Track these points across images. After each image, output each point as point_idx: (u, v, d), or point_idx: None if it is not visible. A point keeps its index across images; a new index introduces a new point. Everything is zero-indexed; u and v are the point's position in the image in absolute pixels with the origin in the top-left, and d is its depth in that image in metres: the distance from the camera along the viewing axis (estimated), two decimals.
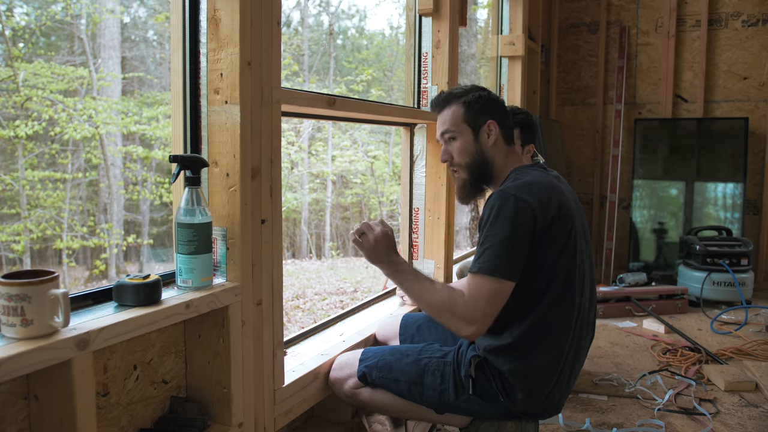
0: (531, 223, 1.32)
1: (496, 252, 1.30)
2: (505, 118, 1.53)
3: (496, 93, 1.55)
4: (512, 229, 1.31)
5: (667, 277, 4.05)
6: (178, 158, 1.20)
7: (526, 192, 1.34)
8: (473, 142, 1.49)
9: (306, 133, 10.13)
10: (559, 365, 1.39)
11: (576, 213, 1.41)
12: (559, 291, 1.36)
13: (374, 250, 1.45)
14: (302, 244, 10.47)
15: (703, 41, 4.14)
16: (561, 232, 1.35)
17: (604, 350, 2.77)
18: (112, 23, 7.09)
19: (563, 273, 1.36)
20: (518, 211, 1.31)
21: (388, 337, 1.83)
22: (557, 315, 1.37)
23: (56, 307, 0.92)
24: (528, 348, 1.37)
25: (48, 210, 6.40)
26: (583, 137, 4.60)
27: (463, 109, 1.49)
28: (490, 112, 1.49)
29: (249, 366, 1.31)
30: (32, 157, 6.44)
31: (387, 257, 1.45)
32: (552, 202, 1.35)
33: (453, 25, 2.36)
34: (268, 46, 1.32)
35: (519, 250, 1.31)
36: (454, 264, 2.53)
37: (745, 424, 2.01)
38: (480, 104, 1.49)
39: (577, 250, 1.38)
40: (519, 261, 1.32)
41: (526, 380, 1.37)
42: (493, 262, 1.30)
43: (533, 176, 1.41)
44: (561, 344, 1.38)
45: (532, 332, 1.36)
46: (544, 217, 1.32)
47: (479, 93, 1.50)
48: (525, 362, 1.37)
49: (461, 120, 1.49)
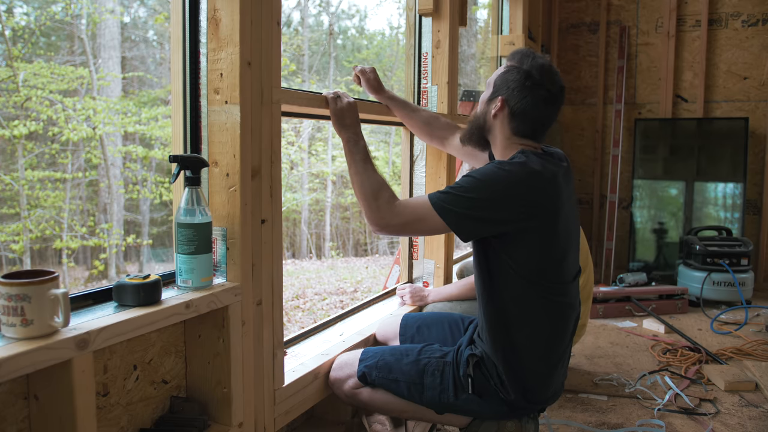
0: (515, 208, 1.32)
1: (458, 202, 1.32)
2: (527, 109, 1.43)
3: (556, 86, 1.44)
4: (485, 194, 1.31)
5: (667, 277, 4.05)
6: (178, 158, 1.20)
7: (530, 176, 1.33)
8: (485, 102, 1.50)
9: (306, 133, 10.13)
10: (552, 349, 1.41)
11: (566, 201, 1.41)
12: (546, 278, 1.37)
13: (346, 114, 1.54)
14: (302, 244, 10.48)
15: (703, 41, 4.14)
16: (545, 225, 1.35)
17: (604, 350, 2.77)
18: (112, 23, 7.09)
19: (552, 260, 1.37)
20: (507, 188, 1.32)
21: (388, 337, 1.83)
22: (545, 302, 1.38)
23: (56, 307, 0.92)
24: (520, 336, 1.38)
25: (48, 210, 6.40)
26: (583, 137, 4.60)
27: (503, 70, 1.48)
28: (511, 91, 1.43)
29: (249, 366, 1.31)
30: (32, 157, 6.44)
31: (354, 125, 1.54)
32: (548, 191, 1.35)
33: (453, 25, 2.36)
34: (268, 46, 1.32)
35: (478, 220, 1.32)
36: (454, 264, 2.53)
37: (745, 424, 2.01)
38: (509, 78, 1.44)
39: (560, 241, 1.39)
40: (470, 224, 1.33)
41: (525, 366, 1.39)
42: (448, 204, 1.32)
43: (537, 165, 1.38)
44: (552, 329, 1.40)
45: (524, 321, 1.38)
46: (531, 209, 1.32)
47: (525, 69, 1.42)
48: (519, 346, 1.38)
49: (495, 78, 1.49)
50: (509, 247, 1.35)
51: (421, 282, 2.42)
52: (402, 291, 2.19)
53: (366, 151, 1.51)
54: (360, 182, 1.46)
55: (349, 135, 1.53)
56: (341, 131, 1.54)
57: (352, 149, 1.51)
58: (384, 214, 1.40)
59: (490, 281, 1.39)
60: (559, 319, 1.41)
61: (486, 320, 1.41)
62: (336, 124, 1.55)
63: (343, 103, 1.55)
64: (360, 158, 1.49)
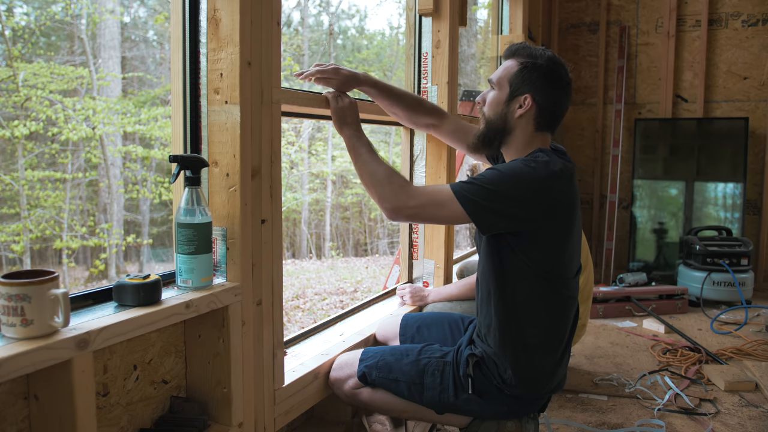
0: (536, 202, 1.31)
1: (481, 193, 1.31)
2: (554, 104, 1.42)
3: (570, 77, 1.43)
4: (509, 190, 1.30)
5: (667, 277, 4.05)
6: (178, 158, 1.20)
7: (553, 175, 1.33)
8: (504, 103, 1.44)
9: (306, 133, 10.13)
10: (560, 342, 1.42)
11: (576, 201, 1.42)
12: (557, 275, 1.38)
13: (347, 112, 1.54)
14: (302, 244, 10.48)
15: (703, 41, 4.14)
16: (561, 223, 1.36)
17: (604, 350, 2.77)
18: (112, 23, 7.09)
19: (564, 257, 1.38)
20: (534, 187, 1.31)
21: (388, 338, 1.83)
22: (547, 295, 1.39)
23: (56, 307, 0.92)
24: (522, 330, 1.39)
25: (48, 210, 6.40)
26: (583, 137, 4.60)
27: (517, 68, 1.43)
28: (538, 88, 1.41)
29: (249, 366, 1.31)
30: (32, 157, 6.44)
31: (355, 123, 1.54)
32: (563, 189, 1.35)
33: (453, 25, 2.36)
34: (268, 46, 1.32)
35: (499, 215, 1.31)
36: (454, 264, 2.53)
37: (745, 424, 2.01)
38: (533, 74, 1.41)
39: (572, 240, 1.39)
40: (491, 217, 1.32)
41: (527, 359, 1.40)
42: (471, 194, 1.31)
43: (559, 165, 1.37)
44: (560, 323, 1.41)
45: (527, 316, 1.39)
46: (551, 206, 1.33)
47: (544, 64, 1.40)
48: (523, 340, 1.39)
49: (507, 77, 1.44)
50: (526, 245, 1.35)
51: (421, 282, 2.42)
52: (402, 291, 2.19)
53: (370, 145, 1.50)
54: (370, 171, 1.43)
55: (351, 132, 1.53)
56: (342, 129, 1.54)
57: (355, 144, 1.50)
58: (400, 196, 1.37)
59: (503, 279, 1.39)
60: (565, 313, 1.43)
61: (496, 317, 1.40)
62: (337, 122, 1.55)
63: (344, 102, 1.55)
64: (365, 151, 1.48)
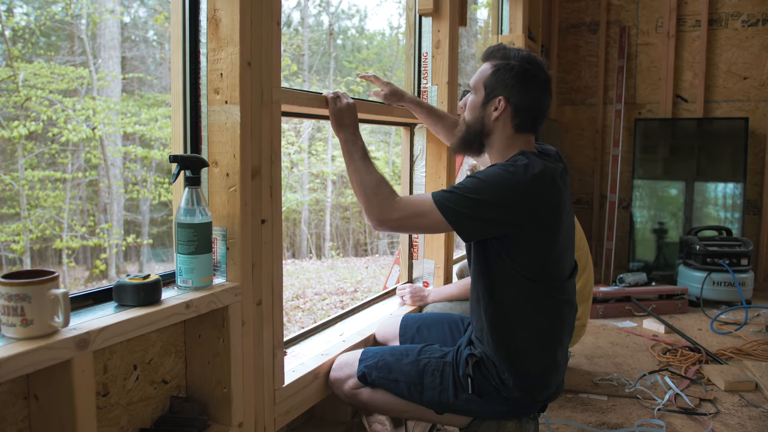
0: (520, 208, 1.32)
1: (460, 202, 1.32)
2: (531, 104, 1.42)
3: (546, 72, 1.44)
4: (489, 197, 1.32)
5: (667, 277, 4.05)
6: (178, 158, 1.20)
7: (534, 179, 1.33)
8: (480, 107, 1.46)
9: (306, 133, 10.13)
10: (554, 346, 1.41)
11: (566, 201, 1.42)
12: (545, 276, 1.38)
13: (345, 114, 1.55)
14: (302, 244, 10.47)
15: (703, 41, 4.14)
16: (546, 226, 1.36)
17: (604, 350, 2.77)
18: (112, 23, 7.08)
19: (551, 258, 1.38)
20: (514, 192, 1.32)
21: (387, 338, 1.83)
22: (540, 297, 1.39)
23: (56, 307, 0.92)
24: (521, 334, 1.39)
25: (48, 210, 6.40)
26: (583, 137, 4.60)
27: (490, 71, 1.44)
28: (511, 89, 1.40)
29: (249, 366, 1.31)
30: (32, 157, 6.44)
31: (352, 125, 1.55)
32: (552, 193, 1.35)
33: (453, 25, 2.35)
34: (268, 46, 1.32)
35: (480, 222, 1.32)
36: (454, 264, 2.53)
37: (745, 424, 2.01)
38: (506, 76, 1.41)
39: (558, 241, 1.39)
40: (471, 225, 1.33)
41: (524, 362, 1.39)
42: (450, 202, 1.33)
43: (539, 167, 1.37)
44: (553, 326, 1.41)
45: (522, 318, 1.39)
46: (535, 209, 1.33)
47: (517, 65, 1.40)
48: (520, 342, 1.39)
49: (482, 81, 1.45)
50: (511, 249, 1.35)
51: (421, 282, 2.42)
52: (402, 291, 2.19)
53: (364, 150, 1.51)
54: (359, 180, 1.45)
55: (347, 135, 1.53)
56: (339, 131, 1.55)
57: (350, 148, 1.51)
58: (384, 208, 1.39)
59: (491, 283, 1.39)
60: (558, 317, 1.42)
61: (487, 322, 1.41)
62: (334, 124, 1.55)
63: (342, 104, 1.56)
64: (359, 156, 1.49)
